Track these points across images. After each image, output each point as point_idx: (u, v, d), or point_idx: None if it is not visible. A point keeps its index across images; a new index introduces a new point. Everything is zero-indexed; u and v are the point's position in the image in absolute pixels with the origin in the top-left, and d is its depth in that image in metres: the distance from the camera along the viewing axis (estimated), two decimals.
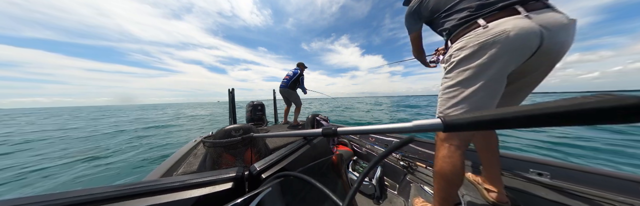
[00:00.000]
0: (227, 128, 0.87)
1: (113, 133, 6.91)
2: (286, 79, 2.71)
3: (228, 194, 0.26)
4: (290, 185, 0.28)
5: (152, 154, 3.73)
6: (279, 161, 0.35)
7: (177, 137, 5.68)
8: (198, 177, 0.27)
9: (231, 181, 0.28)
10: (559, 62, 0.57)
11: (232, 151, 0.87)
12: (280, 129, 2.36)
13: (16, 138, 7.29)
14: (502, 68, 0.52)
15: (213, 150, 0.86)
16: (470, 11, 0.57)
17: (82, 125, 10.96)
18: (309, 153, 0.44)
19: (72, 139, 6.20)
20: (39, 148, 5.03)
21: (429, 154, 1.23)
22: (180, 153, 1.36)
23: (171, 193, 0.23)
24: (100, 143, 5.14)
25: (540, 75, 0.60)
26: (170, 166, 1.12)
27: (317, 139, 0.52)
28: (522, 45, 0.50)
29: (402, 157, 1.29)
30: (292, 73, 2.72)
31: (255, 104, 2.87)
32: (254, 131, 0.92)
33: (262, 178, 0.30)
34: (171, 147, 4.31)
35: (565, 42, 0.52)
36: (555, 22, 0.50)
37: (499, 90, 0.55)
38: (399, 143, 0.21)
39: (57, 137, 7.02)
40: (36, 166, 3.39)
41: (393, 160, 1.33)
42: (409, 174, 1.19)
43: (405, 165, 1.23)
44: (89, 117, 19.98)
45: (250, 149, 0.89)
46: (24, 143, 5.96)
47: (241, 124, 0.92)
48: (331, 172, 0.47)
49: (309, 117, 2.06)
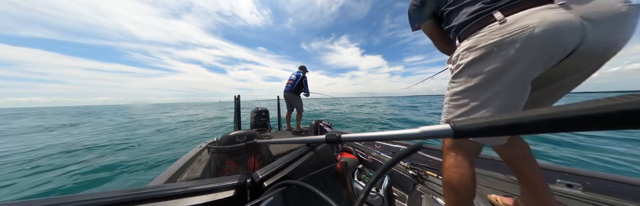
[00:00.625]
0: (232, 134, 0.88)
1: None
2: (290, 84, 2.68)
3: (229, 202, 0.26)
4: (292, 194, 0.28)
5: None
6: (281, 168, 0.34)
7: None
8: (200, 184, 0.27)
9: (233, 189, 0.27)
10: (608, 61, 0.41)
11: (236, 157, 0.87)
12: (283, 135, 2.34)
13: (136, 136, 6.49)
14: (523, 73, 0.41)
15: (217, 156, 0.87)
16: (485, 2, 0.45)
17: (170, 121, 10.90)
18: (313, 160, 0.43)
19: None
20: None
21: (440, 162, 1.16)
22: (185, 159, 1.38)
23: (174, 199, 0.23)
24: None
25: (582, 77, 0.46)
26: (175, 172, 1.13)
27: (320, 146, 0.51)
28: (550, 45, 0.38)
29: (411, 166, 1.22)
30: (295, 76, 2.67)
31: (259, 110, 2.91)
32: (258, 137, 0.93)
33: (265, 186, 0.29)
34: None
35: (619, 40, 0.38)
36: (607, 12, 0.36)
37: (519, 98, 0.44)
38: (407, 151, 0.20)
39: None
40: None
41: (401, 169, 1.26)
42: (419, 184, 1.11)
43: (415, 174, 1.15)
44: (150, 114, 19.00)
45: (254, 156, 0.89)
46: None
47: (245, 130, 0.93)
48: (335, 181, 0.45)
49: (312, 123, 2.05)
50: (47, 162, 3.49)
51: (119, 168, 2.94)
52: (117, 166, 3.02)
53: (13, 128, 12.18)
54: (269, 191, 0.27)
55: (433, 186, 1.04)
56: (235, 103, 2.41)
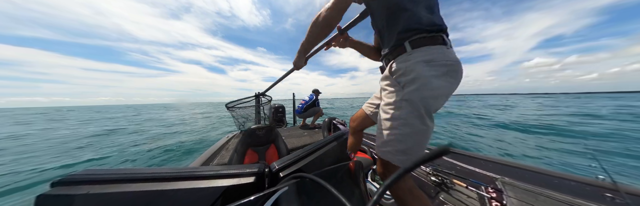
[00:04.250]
0: (253, 128, 1.01)
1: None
2: (302, 104, 3.01)
3: (250, 187, 0.29)
4: (305, 187, 0.29)
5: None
6: (296, 161, 0.36)
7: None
8: (228, 169, 0.31)
9: (254, 176, 0.30)
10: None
11: (256, 148, 0.99)
12: (297, 131, 2.45)
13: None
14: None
15: (240, 146, 1.00)
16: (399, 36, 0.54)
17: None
18: (326, 156, 0.44)
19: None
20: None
21: (471, 171, 1.01)
22: (216, 146, 1.64)
23: (208, 179, 0.28)
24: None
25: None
26: (209, 157, 1.36)
27: (334, 143, 0.51)
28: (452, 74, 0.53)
29: (434, 171, 1.11)
30: (309, 98, 3.02)
31: (276, 106, 3.20)
32: (275, 130, 1.05)
33: (280, 176, 0.32)
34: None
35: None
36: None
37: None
38: (431, 155, 0.19)
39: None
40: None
41: (422, 174, 1.16)
42: (442, 193, 1.01)
43: (438, 182, 1.05)
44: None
45: (274, 145, 1.02)
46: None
47: (264, 124, 1.07)
48: (347, 179, 0.45)
49: (325, 120, 2.07)
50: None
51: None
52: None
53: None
54: (284, 181, 0.29)
55: (461, 197, 0.93)
56: (255, 101, 2.75)
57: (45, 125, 13.52)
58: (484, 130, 5.45)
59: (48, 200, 0.21)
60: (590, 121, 7.57)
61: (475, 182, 0.93)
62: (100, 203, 0.22)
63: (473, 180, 0.96)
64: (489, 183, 0.91)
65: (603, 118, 8.39)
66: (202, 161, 1.27)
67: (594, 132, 5.29)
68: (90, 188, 0.22)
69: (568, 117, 8.96)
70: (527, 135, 4.86)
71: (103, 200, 0.22)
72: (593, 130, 5.51)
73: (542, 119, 7.87)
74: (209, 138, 5.38)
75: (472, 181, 0.96)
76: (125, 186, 0.24)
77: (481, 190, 0.90)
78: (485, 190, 0.89)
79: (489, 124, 6.43)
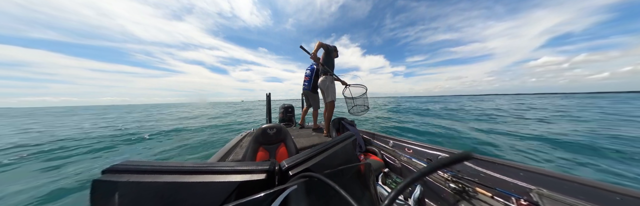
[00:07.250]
0: (264, 127, 1.07)
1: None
2: (306, 81, 2.47)
3: (261, 184, 0.30)
4: (313, 187, 0.29)
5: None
6: (305, 160, 0.37)
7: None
8: (242, 166, 0.33)
9: (265, 173, 0.32)
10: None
11: (267, 146, 1.04)
12: (305, 131, 2.48)
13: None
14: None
15: (252, 144, 1.05)
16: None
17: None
18: (335, 157, 0.43)
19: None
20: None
21: (498, 179, 0.90)
22: (231, 143, 1.76)
23: (224, 174, 0.30)
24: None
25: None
26: (225, 153, 1.47)
27: (343, 143, 0.50)
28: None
29: (453, 178, 1.02)
30: (310, 71, 2.42)
31: (286, 106, 3.29)
32: (285, 130, 1.09)
33: (290, 174, 0.32)
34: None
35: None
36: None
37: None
38: (451, 159, 0.17)
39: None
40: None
41: (440, 180, 1.08)
42: (463, 201, 0.92)
43: (459, 189, 0.96)
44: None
45: (284, 144, 1.06)
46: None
47: (275, 124, 1.12)
48: (357, 181, 0.44)
49: (333, 120, 2.07)
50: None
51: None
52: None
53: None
54: (293, 179, 0.30)
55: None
56: (266, 100, 2.85)
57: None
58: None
59: (100, 184, 0.25)
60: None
61: (504, 192, 0.83)
62: (136, 189, 0.26)
63: (500, 190, 0.85)
64: (522, 195, 0.79)
65: None
66: (219, 157, 1.36)
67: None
68: (130, 177, 0.26)
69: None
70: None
71: (139, 187, 0.26)
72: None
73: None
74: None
75: (499, 190, 0.85)
76: (156, 177, 0.27)
77: (511, 201, 0.80)
78: (516, 201, 0.79)
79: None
